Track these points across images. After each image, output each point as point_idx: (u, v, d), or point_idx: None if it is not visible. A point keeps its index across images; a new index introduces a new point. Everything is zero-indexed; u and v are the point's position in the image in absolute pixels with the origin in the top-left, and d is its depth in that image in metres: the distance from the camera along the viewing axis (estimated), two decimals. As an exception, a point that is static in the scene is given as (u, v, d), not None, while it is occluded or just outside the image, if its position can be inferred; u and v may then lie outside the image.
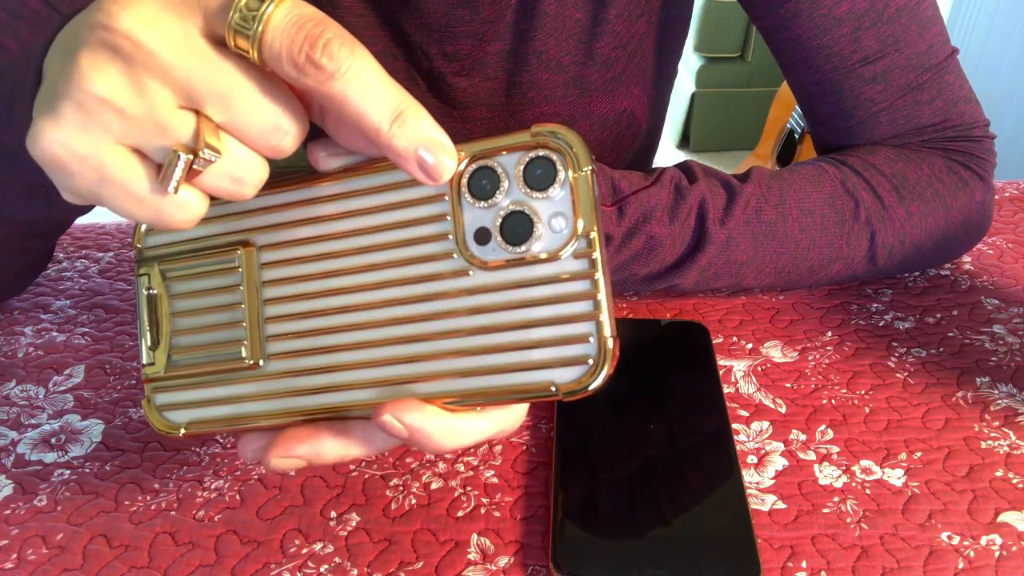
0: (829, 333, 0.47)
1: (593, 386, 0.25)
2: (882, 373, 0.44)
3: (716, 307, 0.49)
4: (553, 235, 0.25)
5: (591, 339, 0.25)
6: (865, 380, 0.43)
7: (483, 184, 0.26)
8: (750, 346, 0.46)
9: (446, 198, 0.26)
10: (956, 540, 0.34)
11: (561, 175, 0.25)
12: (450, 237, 0.26)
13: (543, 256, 0.25)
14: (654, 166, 0.50)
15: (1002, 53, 1.84)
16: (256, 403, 0.29)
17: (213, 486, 0.38)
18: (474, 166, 0.26)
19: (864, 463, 0.38)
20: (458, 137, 0.26)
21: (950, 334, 0.47)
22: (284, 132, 0.25)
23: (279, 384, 0.28)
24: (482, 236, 0.26)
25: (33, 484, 0.38)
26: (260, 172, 0.26)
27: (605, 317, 0.25)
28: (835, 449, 0.39)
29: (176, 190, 0.24)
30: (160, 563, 0.34)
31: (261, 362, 0.28)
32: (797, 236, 0.46)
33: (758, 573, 0.31)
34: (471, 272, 0.26)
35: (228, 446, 0.40)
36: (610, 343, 0.25)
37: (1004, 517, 0.35)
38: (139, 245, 0.30)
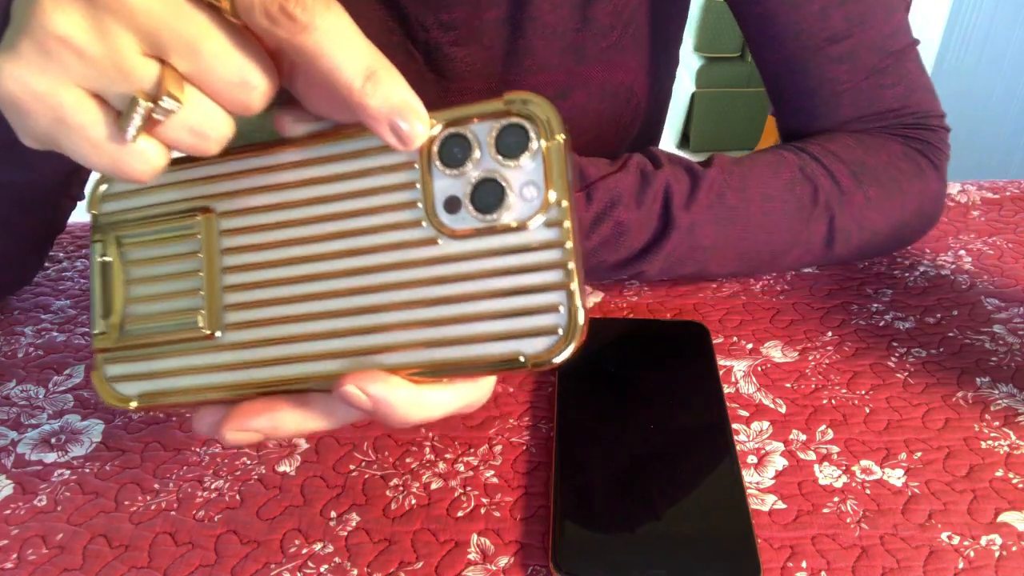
0: (829, 333, 0.47)
1: (562, 357, 0.24)
2: (882, 373, 0.44)
3: (716, 307, 0.49)
4: (524, 204, 0.25)
5: (561, 309, 0.24)
6: (865, 380, 0.43)
7: (454, 152, 0.25)
8: (750, 346, 0.46)
9: (415, 166, 0.26)
10: (956, 540, 0.34)
11: (533, 143, 0.25)
12: (419, 205, 0.26)
13: (513, 225, 0.25)
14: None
15: (1002, 53, 1.84)
16: (212, 375, 0.27)
17: (213, 486, 0.38)
18: (445, 133, 0.25)
19: (864, 463, 0.38)
20: None
21: (950, 334, 0.47)
22: (252, 87, 0.24)
23: (237, 355, 0.27)
24: (452, 205, 0.25)
25: (33, 484, 0.38)
26: (224, 127, 0.25)
27: (576, 287, 0.24)
28: (835, 449, 0.39)
29: (134, 138, 0.24)
30: (160, 563, 0.34)
31: (218, 333, 0.27)
32: (759, 221, 0.46)
33: (758, 573, 0.31)
34: (440, 241, 0.25)
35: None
36: (581, 313, 0.24)
37: (1004, 517, 0.35)
38: (94, 211, 0.29)
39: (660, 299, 0.50)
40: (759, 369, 0.44)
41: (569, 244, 0.24)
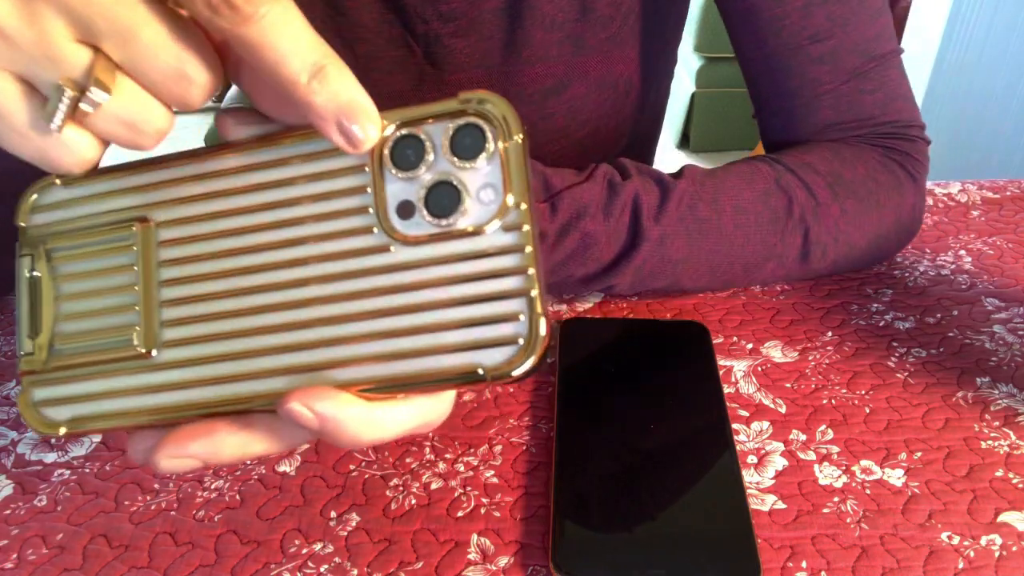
0: (829, 333, 0.47)
1: (522, 369, 0.23)
2: (882, 373, 0.44)
3: (716, 307, 0.49)
4: (482, 207, 0.24)
5: (521, 317, 0.23)
6: (865, 380, 0.43)
7: (407, 154, 0.24)
8: (750, 346, 0.46)
9: (366, 169, 0.25)
10: (956, 540, 0.34)
11: (490, 144, 0.24)
12: (371, 211, 0.24)
13: (470, 230, 0.24)
14: (654, 167, 0.50)
15: (1002, 53, 1.84)
16: (148, 396, 0.25)
17: (213, 486, 0.38)
18: (398, 135, 0.24)
19: (864, 463, 0.38)
20: None
21: (950, 334, 0.47)
22: (190, 81, 0.23)
23: (174, 375, 0.25)
24: (405, 210, 0.24)
25: (33, 484, 0.38)
26: (160, 122, 0.24)
27: (536, 293, 0.23)
28: (835, 449, 0.39)
29: (60, 128, 0.23)
30: (160, 563, 0.34)
31: (155, 351, 0.25)
32: (731, 233, 0.46)
33: (758, 573, 0.31)
34: (392, 248, 0.24)
35: (228, 446, 0.40)
36: (542, 322, 0.23)
37: (1004, 517, 0.35)
38: (22, 223, 0.27)
39: (660, 299, 0.50)
40: (759, 369, 0.44)
41: (529, 249, 0.23)
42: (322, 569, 0.34)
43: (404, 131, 0.24)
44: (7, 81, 0.23)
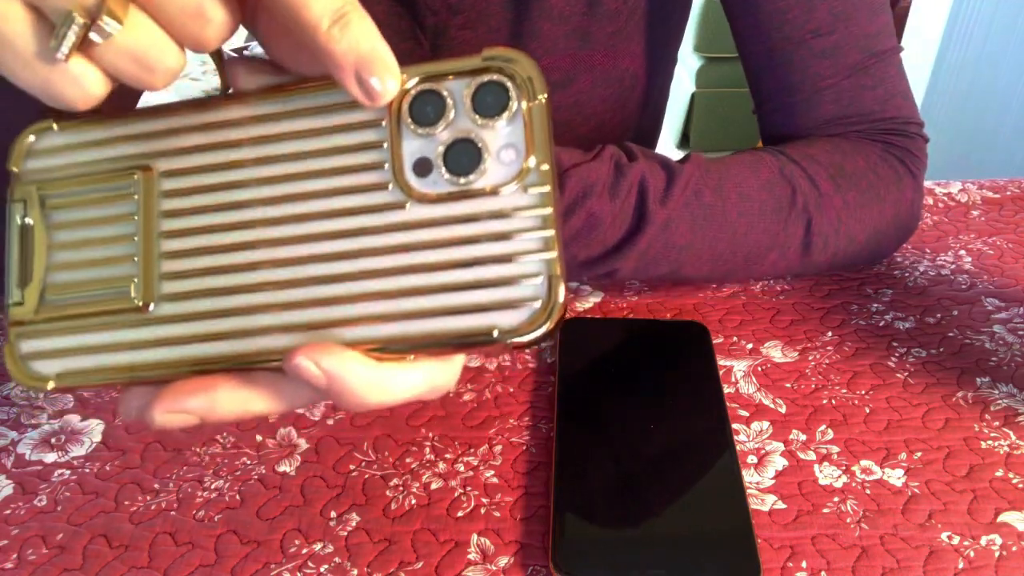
0: (829, 333, 0.47)
1: (539, 332, 0.22)
2: (882, 373, 0.44)
3: (716, 307, 0.49)
4: (502, 167, 0.23)
5: (539, 279, 0.22)
6: (865, 380, 0.43)
7: (427, 110, 0.23)
8: (750, 346, 0.46)
9: (384, 124, 0.24)
10: (956, 540, 0.34)
11: (513, 103, 0.23)
12: (386, 167, 0.24)
13: (489, 189, 0.23)
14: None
15: (1002, 53, 1.84)
16: (144, 351, 0.24)
17: (213, 486, 0.38)
18: (418, 90, 0.23)
19: (864, 463, 0.38)
20: None
21: (950, 334, 0.47)
22: (207, 20, 0.22)
23: (173, 329, 0.24)
24: (423, 167, 0.23)
25: (33, 484, 0.38)
26: (172, 60, 0.23)
27: (556, 256, 0.22)
28: (835, 449, 0.39)
29: (67, 57, 0.22)
30: (160, 563, 0.34)
31: (153, 304, 0.24)
32: (735, 221, 0.46)
33: (758, 573, 0.31)
34: (408, 205, 0.23)
35: (228, 446, 0.40)
36: (561, 286, 0.22)
37: (1004, 517, 0.35)
38: (15, 169, 0.26)
39: (660, 299, 0.50)
40: (759, 369, 0.44)
41: (549, 210, 0.23)
42: (322, 569, 0.34)
43: (424, 86, 0.23)
44: (14, 5, 0.22)
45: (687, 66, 2.49)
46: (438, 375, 0.24)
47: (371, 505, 0.36)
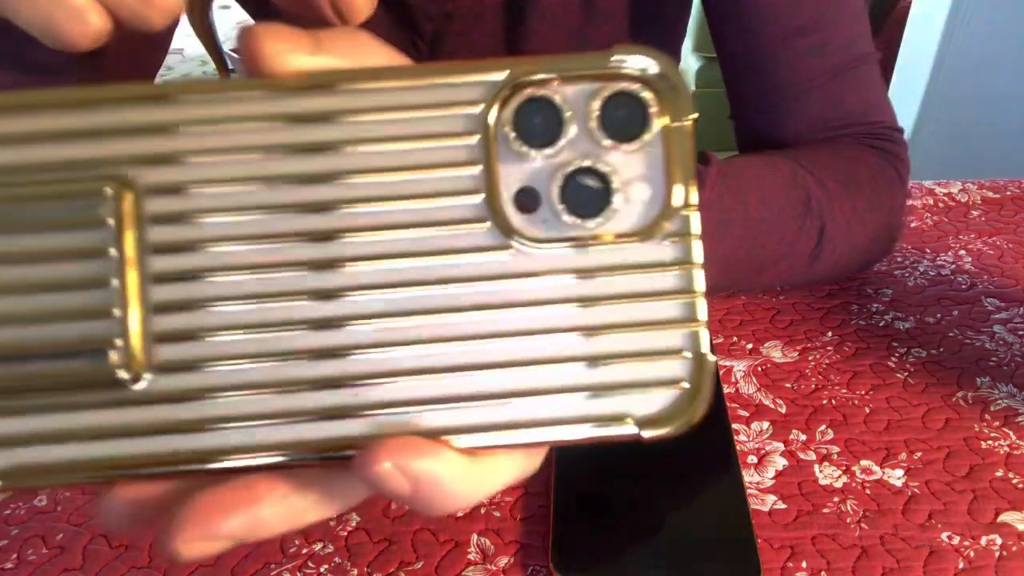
0: (829, 333, 0.47)
1: (685, 422, 0.19)
2: (882, 373, 0.44)
3: (716, 307, 0.49)
4: (635, 207, 0.18)
5: (685, 354, 0.18)
6: (865, 380, 0.43)
7: (536, 123, 0.18)
8: (750, 346, 0.46)
9: (478, 138, 0.18)
10: (956, 540, 0.34)
11: (654, 123, 0.18)
12: (481, 198, 0.18)
13: (618, 235, 0.18)
14: None
15: (1002, 53, 1.84)
16: (131, 441, 0.17)
17: (213, 486, 0.38)
18: (524, 96, 0.17)
19: (864, 463, 0.38)
20: None
21: (950, 334, 0.47)
22: None
23: (172, 411, 0.17)
24: (528, 199, 0.18)
25: (33, 484, 0.38)
26: None
27: (704, 322, 0.18)
28: (835, 449, 0.39)
29: None
30: (160, 563, 0.34)
31: (145, 376, 0.17)
32: (755, 227, 0.45)
33: (758, 573, 0.31)
34: (512, 249, 0.18)
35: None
36: (711, 360, 0.18)
37: (1004, 517, 0.35)
38: None
39: (660, 299, 0.50)
40: (759, 369, 0.44)
41: (697, 266, 0.18)
42: (322, 569, 0.34)
43: (533, 91, 0.17)
44: None
45: (687, 66, 2.49)
46: (532, 459, 0.20)
47: (371, 505, 0.36)
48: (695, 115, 0.18)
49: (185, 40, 2.55)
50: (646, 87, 0.18)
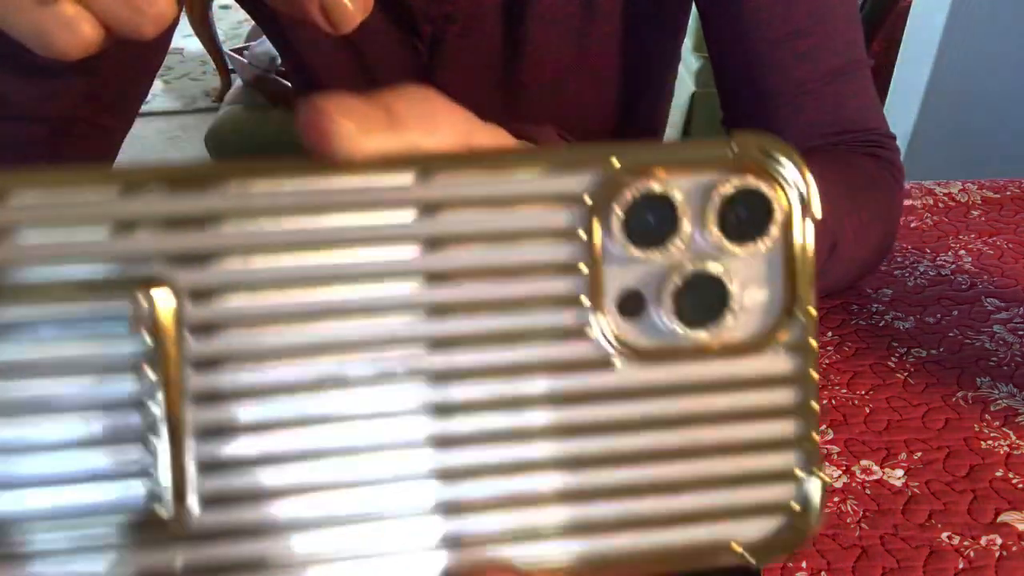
0: (829, 333, 0.47)
1: (793, 548, 0.17)
2: (882, 373, 0.44)
3: (716, 307, 0.49)
4: (751, 315, 0.16)
5: (797, 474, 0.16)
6: (865, 380, 0.43)
7: (647, 221, 0.15)
8: (750, 346, 0.46)
9: (580, 234, 0.15)
10: (956, 540, 0.34)
11: (776, 222, 0.16)
12: (584, 301, 0.16)
13: (732, 346, 0.16)
14: None
15: (1002, 53, 1.84)
16: None
17: (213, 486, 0.38)
18: (635, 191, 0.15)
19: (864, 463, 0.38)
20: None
21: (950, 334, 0.47)
22: None
23: (221, 551, 0.15)
24: (633, 304, 0.16)
25: (33, 484, 0.38)
26: (164, 5, 0.21)
27: (816, 443, 0.16)
28: (835, 449, 0.39)
29: None
30: None
31: (196, 510, 0.15)
32: None
33: (758, 573, 0.31)
34: (617, 363, 0.16)
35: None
36: (821, 483, 0.16)
37: (1004, 517, 0.35)
38: None
39: (660, 299, 0.50)
40: (759, 369, 0.44)
41: (812, 378, 0.16)
42: (322, 569, 0.33)
43: (644, 187, 0.15)
44: None
45: (687, 66, 2.49)
46: None
47: (371, 505, 0.36)
48: (819, 214, 0.16)
49: (185, 40, 2.55)
50: (770, 181, 0.16)
